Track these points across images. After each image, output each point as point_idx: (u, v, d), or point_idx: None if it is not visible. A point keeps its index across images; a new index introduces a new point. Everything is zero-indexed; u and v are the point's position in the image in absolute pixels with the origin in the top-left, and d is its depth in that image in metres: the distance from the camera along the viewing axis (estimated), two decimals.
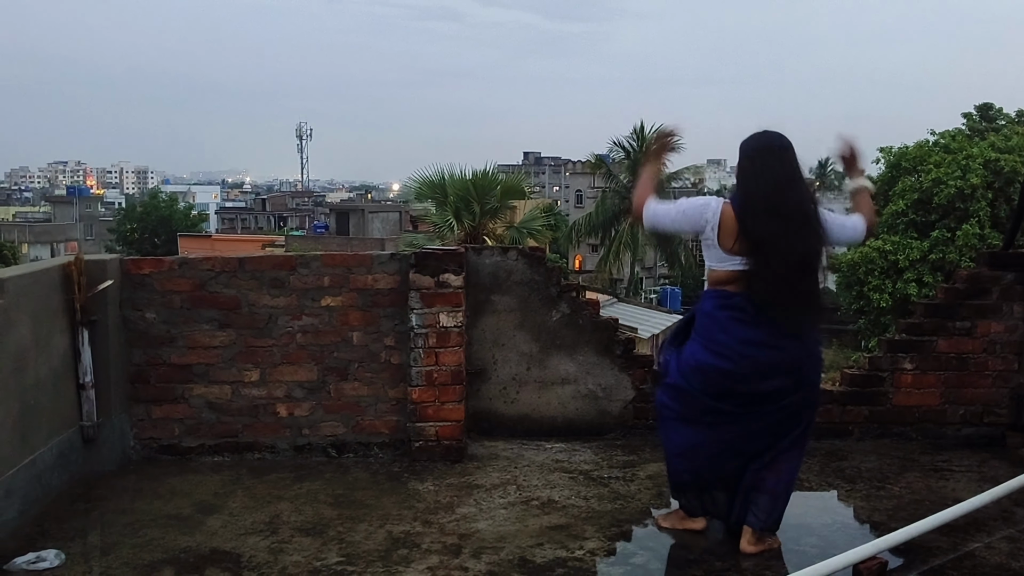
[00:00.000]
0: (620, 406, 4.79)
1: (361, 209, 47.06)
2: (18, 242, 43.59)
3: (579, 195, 65.17)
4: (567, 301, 4.80)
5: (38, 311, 3.88)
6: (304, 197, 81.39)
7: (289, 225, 61.86)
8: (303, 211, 68.33)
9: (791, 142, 3.31)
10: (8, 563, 3.28)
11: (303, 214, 66.39)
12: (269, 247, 35.97)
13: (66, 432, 4.08)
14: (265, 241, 40.26)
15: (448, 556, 3.32)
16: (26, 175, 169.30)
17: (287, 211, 68.86)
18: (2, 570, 3.25)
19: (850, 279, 26.95)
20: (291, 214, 67.33)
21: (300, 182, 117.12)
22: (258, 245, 37.45)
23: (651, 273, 49.96)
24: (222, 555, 3.36)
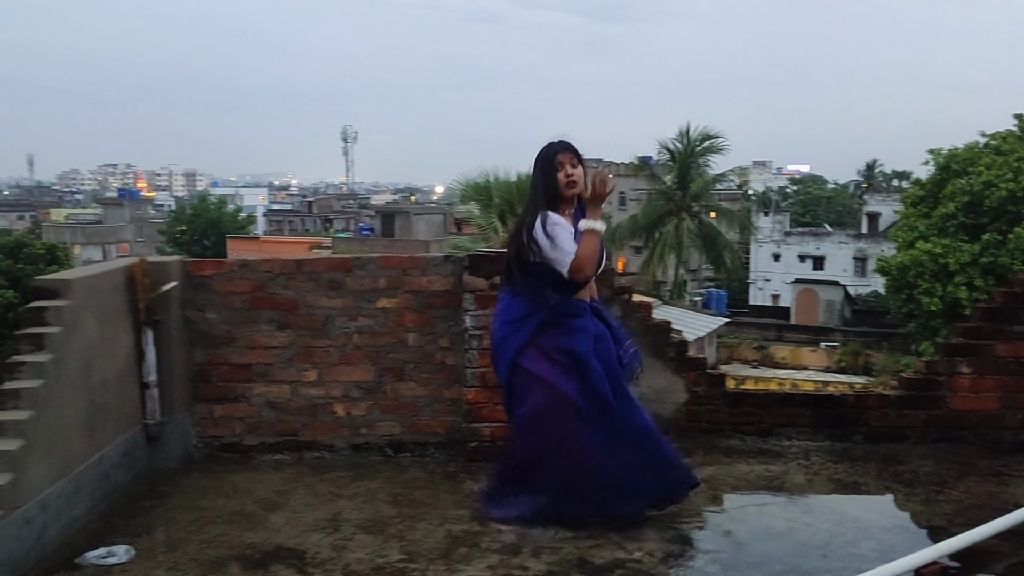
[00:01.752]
0: (673, 408, 4.78)
1: (406, 211, 47.39)
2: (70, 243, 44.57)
3: (622, 197, 64.91)
4: (619, 303, 4.79)
5: (104, 311, 4.00)
6: (349, 199, 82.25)
7: (335, 227, 62.54)
8: (348, 213, 69.04)
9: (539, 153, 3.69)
10: (79, 557, 3.39)
11: (348, 216, 67.08)
12: (316, 249, 36.39)
13: (131, 430, 4.19)
14: (312, 243, 40.74)
15: (507, 555, 3.35)
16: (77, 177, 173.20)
17: (333, 213, 69.62)
18: (73, 564, 3.35)
19: (899, 283, 26.49)
20: (337, 216, 68.06)
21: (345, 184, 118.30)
22: (305, 247, 37.91)
23: (695, 276, 49.60)
24: (286, 551, 3.43)
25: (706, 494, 4.03)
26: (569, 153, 3.65)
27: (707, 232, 36.73)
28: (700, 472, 4.29)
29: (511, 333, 3.62)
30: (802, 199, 70.57)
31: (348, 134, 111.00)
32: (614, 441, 3.56)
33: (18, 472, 3.26)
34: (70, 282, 3.73)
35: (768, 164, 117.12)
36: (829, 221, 61.70)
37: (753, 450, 4.67)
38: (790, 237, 51.36)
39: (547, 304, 3.60)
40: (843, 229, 54.71)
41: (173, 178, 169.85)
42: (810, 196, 71.13)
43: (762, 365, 34.53)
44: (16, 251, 29.80)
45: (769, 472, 4.35)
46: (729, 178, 44.68)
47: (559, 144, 3.67)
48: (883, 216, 50.81)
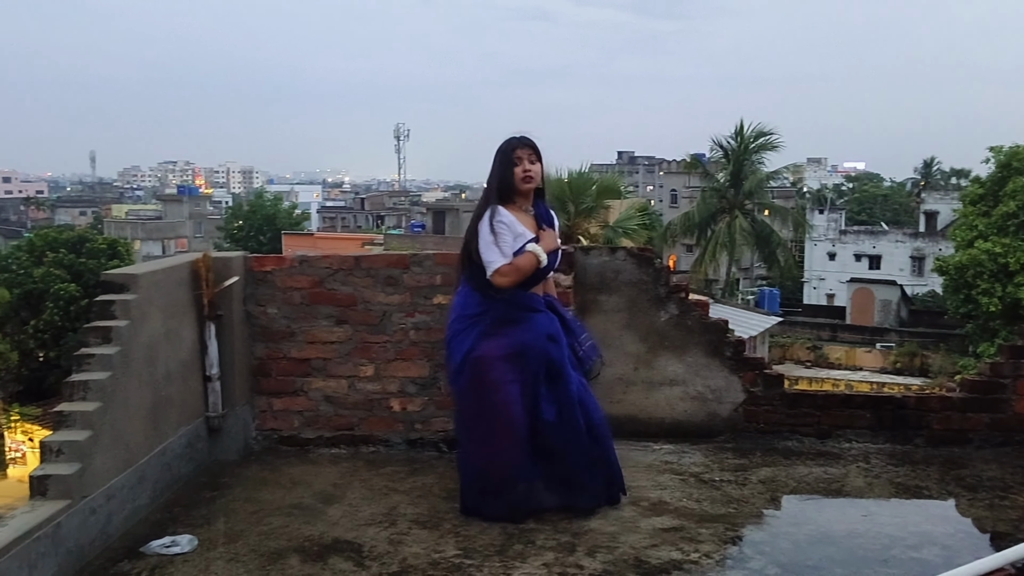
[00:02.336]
0: (730, 408, 4.73)
1: (456, 208, 47.61)
2: (131, 239, 45.69)
3: (673, 195, 64.41)
4: (675, 302, 4.76)
5: (168, 306, 4.08)
6: (401, 196, 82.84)
7: (387, 224, 63.09)
8: (400, 210, 69.56)
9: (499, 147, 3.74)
10: (143, 546, 3.47)
11: (400, 213, 67.58)
12: (368, 245, 36.74)
13: (193, 422, 4.28)
14: (364, 239, 41.14)
15: (563, 553, 3.35)
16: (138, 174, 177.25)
17: (385, 210, 70.19)
18: (137, 553, 3.43)
19: (958, 282, 25.88)
20: (388, 213, 68.61)
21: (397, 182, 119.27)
22: (358, 243, 38.29)
23: (748, 274, 48.99)
24: (344, 544, 3.47)
25: (764, 496, 3.99)
26: (528, 149, 3.71)
27: (760, 230, 36.27)
28: (757, 473, 4.26)
29: (464, 328, 3.67)
30: (858, 197, 69.31)
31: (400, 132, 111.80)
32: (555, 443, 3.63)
33: (85, 462, 3.35)
34: (137, 276, 3.82)
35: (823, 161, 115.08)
36: (885, 219, 60.48)
37: (811, 452, 4.60)
38: (845, 235, 50.45)
39: (502, 299, 3.64)
40: (900, 227, 53.57)
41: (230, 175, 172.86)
42: (866, 194, 69.82)
43: (816, 365, 34.00)
44: (79, 246, 30.68)
45: (828, 474, 4.28)
46: (783, 175, 44.06)
47: (519, 140, 3.72)
48: (941, 214, 49.66)
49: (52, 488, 3.26)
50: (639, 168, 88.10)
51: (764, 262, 40.08)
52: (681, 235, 37.60)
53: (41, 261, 29.62)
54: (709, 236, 35.97)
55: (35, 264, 29.66)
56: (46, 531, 3.10)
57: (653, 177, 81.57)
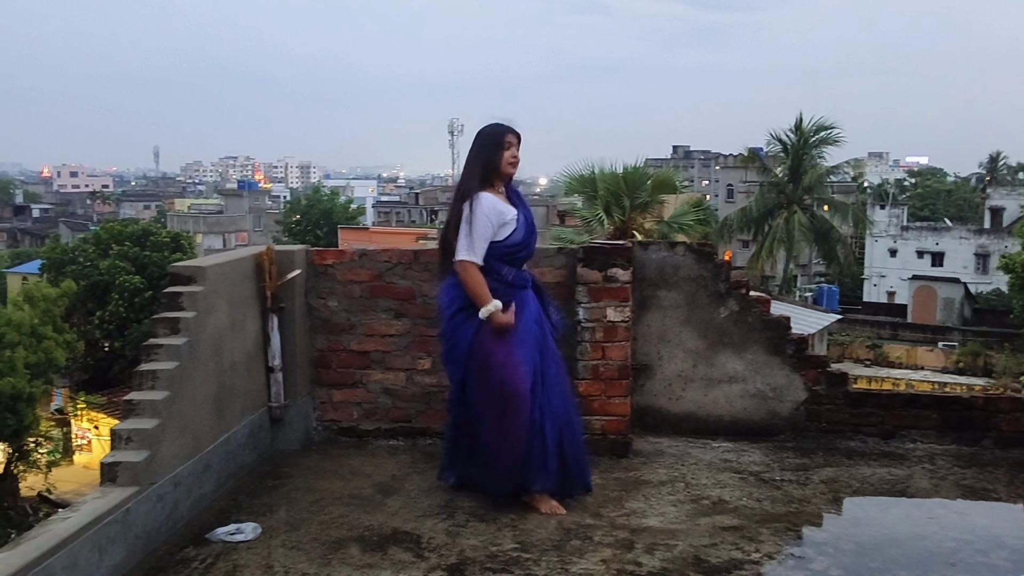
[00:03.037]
0: (791, 407, 4.66)
1: None
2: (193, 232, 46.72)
3: (730, 189, 63.59)
4: (736, 298, 4.70)
5: (234, 297, 4.16)
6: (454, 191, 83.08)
7: (440, 218, 63.45)
8: None
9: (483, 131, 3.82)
10: (209, 532, 3.54)
11: None
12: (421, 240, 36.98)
13: (256, 412, 4.36)
14: (418, 234, 41.37)
15: (621, 550, 3.34)
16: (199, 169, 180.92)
17: (438, 205, 70.54)
18: (203, 539, 3.50)
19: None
20: (442, 208, 68.91)
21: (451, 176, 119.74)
22: (412, 238, 38.55)
23: (805, 271, 48.18)
24: (403, 535, 3.50)
25: (826, 496, 3.92)
26: (515, 136, 3.80)
27: (819, 226, 35.62)
28: (819, 473, 4.19)
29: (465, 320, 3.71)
30: (920, 192, 67.62)
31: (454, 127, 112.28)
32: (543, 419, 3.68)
33: (153, 450, 3.44)
34: (204, 269, 3.90)
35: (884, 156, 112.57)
36: (949, 215, 58.91)
37: (875, 452, 4.51)
38: (907, 232, 49.26)
39: (505, 281, 3.71)
40: (964, 224, 52.14)
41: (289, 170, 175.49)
42: (929, 189, 68.10)
43: (875, 364, 33.34)
44: (143, 239, 31.47)
45: (892, 475, 4.19)
46: (843, 170, 43.18)
47: (507, 126, 3.81)
48: (1007, 211, 48.21)
49: (122, 475, 3.34)
50: (694, 162, 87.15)
51: (823, 258, 39.39)
52: (737, 230, 37.11)
53: (107, 254, 30.46)
54: (766, 231, 35.44)
55: (101, 256, 30.51)
56: (116, 516, 3.19)
57: (709, 172, 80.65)
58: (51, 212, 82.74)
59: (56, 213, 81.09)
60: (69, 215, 78.32)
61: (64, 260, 31.92)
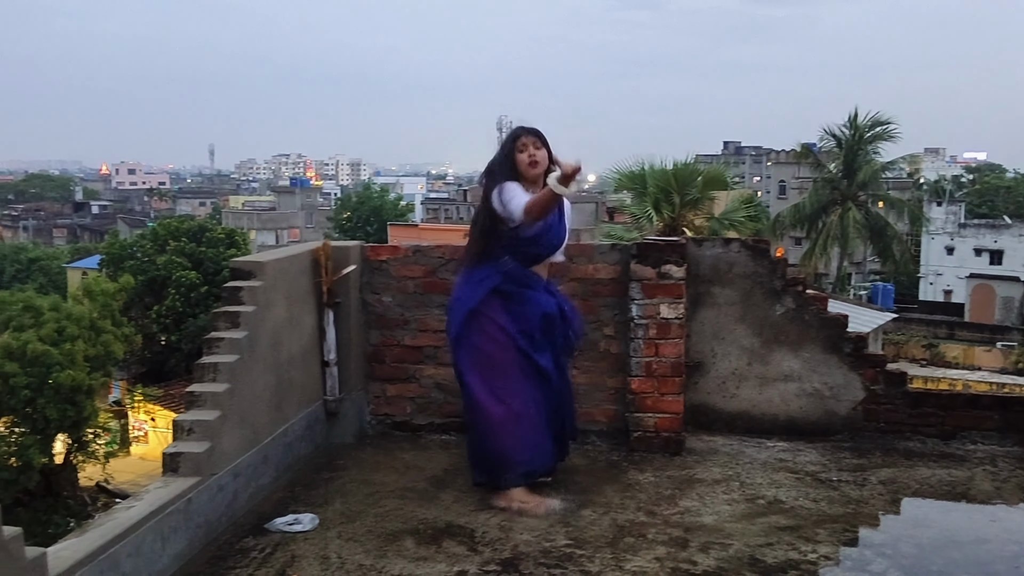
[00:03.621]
0: (849, 406, 4.58)
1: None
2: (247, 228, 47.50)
3: (782, 185, 62.69)
4: (792, 295, 4.64)
5: (291, 292, 4.23)
6: None
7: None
8: None
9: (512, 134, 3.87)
10: (268, 523, 3.61)
11: None
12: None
13: (312, 405, 4.42)
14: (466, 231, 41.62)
15: (675, 548, 3.32)
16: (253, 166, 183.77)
17: None
18: (262, 529, 3.57)
19: None
20: None
21: None
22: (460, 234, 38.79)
23: (860, 268, 47.32)
24: (457, 529, 3.53)
25: (884, 497, 3.86)
26: (532, 136, 3.82)
27: (874, 223, 34.96)
28: (877, 474, 4.12)
29: (469, 291, 3.81)
30: (979, 189, 65.89)
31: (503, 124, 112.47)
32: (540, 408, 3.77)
33: (214, 441, 3.51)
34: (264, 264, 3.97)
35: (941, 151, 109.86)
36: (1008, 212, 57.28)
37: (934, 453, 4.42)
38: (965, 229, 48.06)
39: (503, 270, 3.76)
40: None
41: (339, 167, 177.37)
42: (987, 185, 66.31)
43: (931, 364, 32.62)
44: (199, 235, 32.07)
45: (952, 477, 4.11)
46: (899, 166, 42.28)
47: (522, 128, 3.85)
48: None
49: (184, 465, 3.42)
50: (746, 158, 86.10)
51: (878, 256, 38.65)
52: (790, 227, 36.58)
53: (164, 249, 31.11)
54: (820, 228, 34.88)
55: (158, 252, 31.18)
56: (178, 506, 3.26)
57: (760, 168, 79.61)
58: (110, 209, 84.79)
59: (115, 210, 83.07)
60: (127, 212, 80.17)
61: (122, 255, 32.66)
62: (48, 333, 21.16)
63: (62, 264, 49.09)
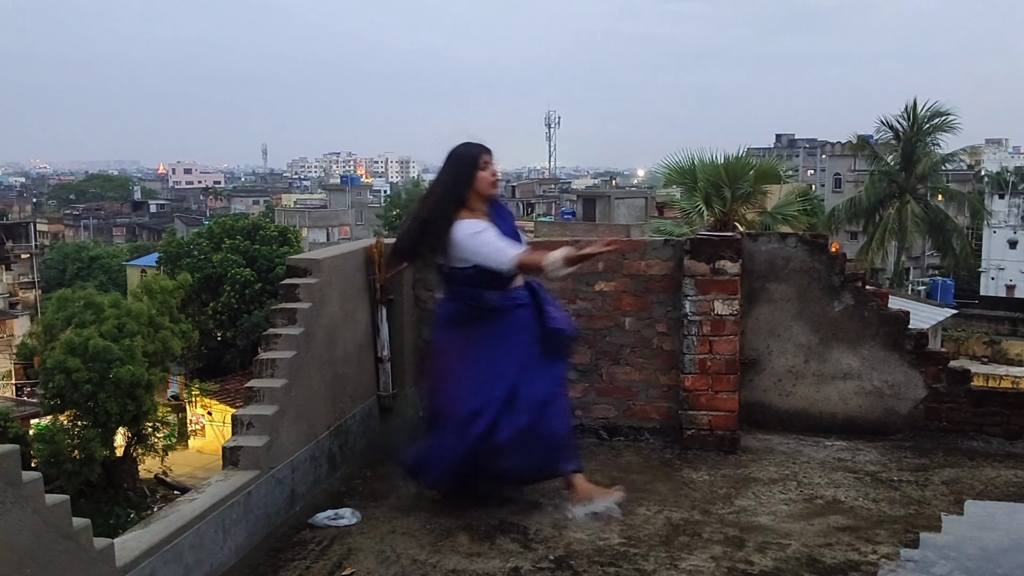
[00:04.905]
0: (910, 405, 4.48)
1: (607, 195, 47.33)
2: (299, 226, 48.14)
3: (837, 179, 61.49)
4: (851, 291, 4.55)
5: (346, 289, 4.27)
6: (551, 184, 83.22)
7: (537, 211, 63.59)
8: (549, 197, 69.91)
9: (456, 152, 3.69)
10: (312, 517, 3.65)
11: (550, 200, 67.94)
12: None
13: (367, 401, 4.47)
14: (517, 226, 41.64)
15: (731, 548, 3.29)
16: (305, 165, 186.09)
17: (535, 197, 70.74)
18: (308, 523, 3.60)
19: None
20: (539, 200, 69.10)
21: (547, 169, 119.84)
22: None
23: (918, 263, 46.25)
24: (510, 526, 3.53)
25: (947, 498, 3.77)
26: (489, 154, 3.66)
27: (933, 216, 34.10)
28: (940, 474, 4.03)
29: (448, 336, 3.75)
30: None
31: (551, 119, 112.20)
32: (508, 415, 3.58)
33: (273, 435, 3.56)
34: (319, 261, 4.02)
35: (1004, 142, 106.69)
36: None
37: (1000, 453, 4.30)
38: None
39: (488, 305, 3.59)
40: None
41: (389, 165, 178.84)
42: None
43: (993, 361, 31.75)
44: (252, 233, 32.59)
45: (1019, 478, 3.99)
46: (959, 158, 41.13)
47: (480, 145, 3.66)
48: None
49: (243, 459, 3.48)
50: (799, 151, 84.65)
51: (937, 250, 37.69)
52: (846, 221, 35.86)
53: (219, 247, 31.67)
54: (877, 222, 34.14)
55: (214, 250, 31.75)
56: (238, 499, 3.32)
57: (814, 161, 78.23)
58: (167, 207, 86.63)
59: (171, 208, 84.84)
60: (184, 210, 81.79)
61: (179, 253, 33.34)
62: (109, 329, 21.76)
63: (122, 262, 50.32)
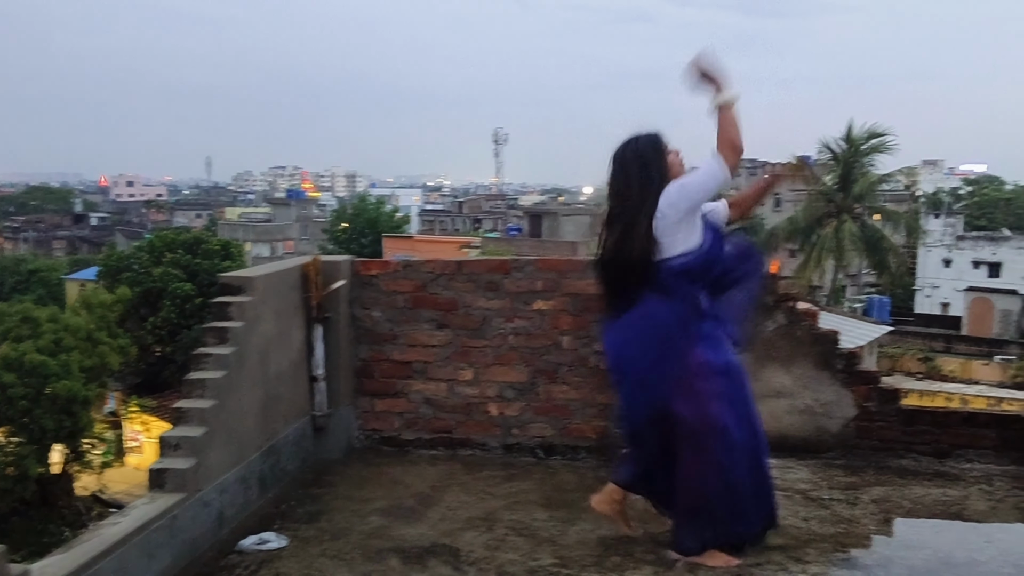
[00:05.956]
0: (840, 423, 4.55)
1: (554, 212, 47.64)
2: (242, 240, 47.46)
3: (777, 198, 62.77)
4: (784, 311, 4.62)
5: (280, 308, 4.20)
6: (498, 200, 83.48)
7: (484, 227, 63.68)
8: (497, 213, 70.16)
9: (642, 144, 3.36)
10: (237, 545, 3.56)
11: (497, 216, 68.16)
12: (465, 248, 37.16)
13: (300, 420, 4.39)
14: (462, 242, 41.63)
15: (662, 568, 3.29)
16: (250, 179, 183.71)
17: (482, 213, 70.91)
18: (235, 550, 3.51)
19: None
20: (486, 216, 69.28)
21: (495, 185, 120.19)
22: (455, 246, 38.80)
23: (855, 281, 47.34)
24: (442, 548, 3.49)
25: (877, 517, 3.82)
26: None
27: (870, 235, 34.98)
28: (869, 493, 4.09)
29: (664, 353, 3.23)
30: (977, 201, 66.01)
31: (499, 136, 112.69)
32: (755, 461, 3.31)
33: (200, 457, 3.48)
34: (252, 279, 3.94)
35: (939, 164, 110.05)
36: (1008, 225, 57.39)
37: (928, 472, 4.39)
38: (963, 241, 48.13)
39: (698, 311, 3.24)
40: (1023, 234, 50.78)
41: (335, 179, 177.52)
42: (986, 198, 66.43)
43: (928, 378, 32.57)
44: (194, 247, 32.02)
45: (947, 496, 4.08)
46: (896, 178, 42.40)
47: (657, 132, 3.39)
48: None
49: (169, 481, 3.39)
50: (741, 171, 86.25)
51: (873, 269, 38.64)
52: (785, 240, 36.59)
53: (160, 261, 31.04)
54: (815, 241, 34.91)
55: (154, 264, 31.11)
56: (163, 522, 3.23)
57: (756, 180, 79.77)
58: (108, 220, 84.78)
59: (113, 221, 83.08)
60: (125, 223, 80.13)
61: (120, 267, 32.60)
62: (46, 344, 21.17)
63: (61, 276, 49.01)
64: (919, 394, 25.13)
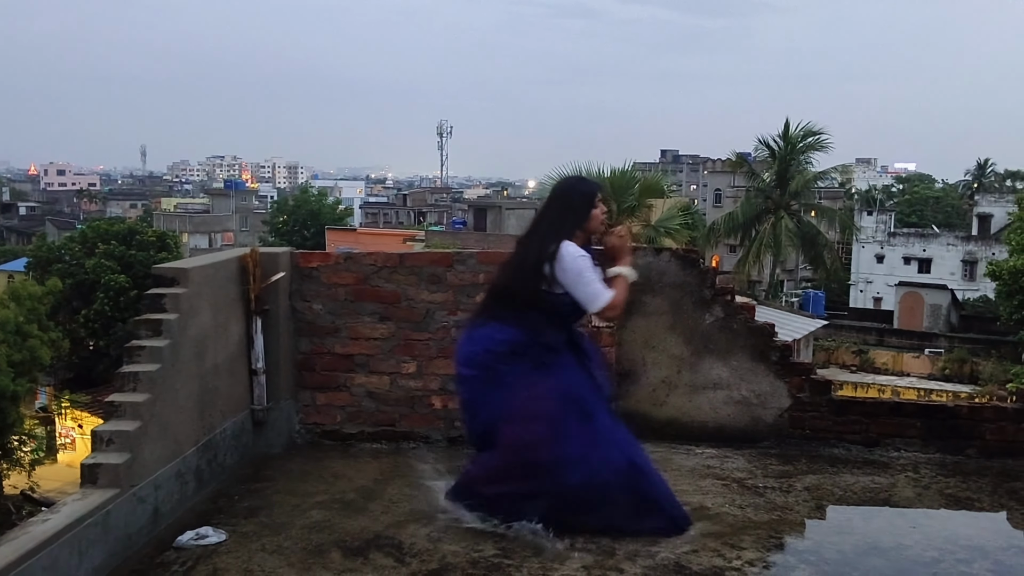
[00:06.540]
0: (775, 414, 4.66)
1: (498, 206, 47.74)
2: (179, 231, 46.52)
3: (718, 194, 63.77)
4: (721, 304, 4.71)
5: (217, 300, 4.13)
6: (443, 193, 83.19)
7: (428, 220, 63.43)
8: (441, 207, 69.93)
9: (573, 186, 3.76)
10: (175, 541, 3.50)
11: (441, 210, 67.95)
12: (409, 241, 36.95)
13: (239, 415, 4.33)
14: (406, 235, 41.38)
15: (602, 556, 3.32)
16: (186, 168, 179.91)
17: (426, 207, 70.59)
18: (172, 547, 3.45)
19: (1011, 288, 25.24)
20: (430, 209, 69.00)
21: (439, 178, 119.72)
22: (399, 239, 38.55)
23: (792, 276, 48.40)
24: (384, 540, 3.48)
25: (809, 504, 3.93)
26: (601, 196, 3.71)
27: (806, 231, 35.78)
28: (802, 480, 4.20)
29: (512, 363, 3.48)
30: (908, 198, 68.04)
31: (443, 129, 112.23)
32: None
33: (134, 452, 3.41)
34: (187, 271, 3.87)
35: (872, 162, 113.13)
36: (936, 222, 59.30)
37: (858, 460, 4.52)
38: (894, 238, 49.61)
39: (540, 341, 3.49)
40: (951, 231, 52.51)
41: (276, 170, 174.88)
42: (917, 195, 68.49)
43: (861, 370, 33.47)
44: (129, 238, 31.27)
45: (875, 484, 4.21)
46: (831, 176, 43.39)
47: (596, 183, 3.77)
48: (995, 218, 48.60)
49: (102, 477, 3.32)
50: (683, 167, 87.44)
51: (810, 264, 39.56)
52: (724, 235, 37.22)
53: (93, 252, 30.25)
54: (753, 237, 35.56)
55: (87, 255, 30.32)
56: (96, 519, 3.16)
57: (697, 176, 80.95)
58: (38, 210, 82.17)
59: (43, 211, 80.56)
60: (56, 213, 77.81)
61: (50, 258, 31.71)
62: None
63: None
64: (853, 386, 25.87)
